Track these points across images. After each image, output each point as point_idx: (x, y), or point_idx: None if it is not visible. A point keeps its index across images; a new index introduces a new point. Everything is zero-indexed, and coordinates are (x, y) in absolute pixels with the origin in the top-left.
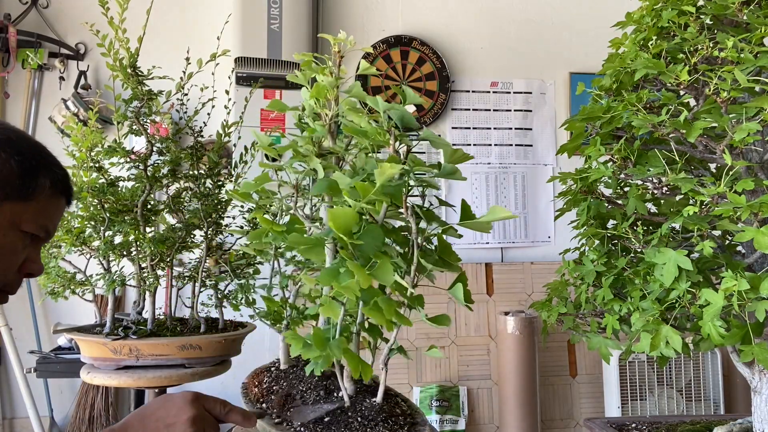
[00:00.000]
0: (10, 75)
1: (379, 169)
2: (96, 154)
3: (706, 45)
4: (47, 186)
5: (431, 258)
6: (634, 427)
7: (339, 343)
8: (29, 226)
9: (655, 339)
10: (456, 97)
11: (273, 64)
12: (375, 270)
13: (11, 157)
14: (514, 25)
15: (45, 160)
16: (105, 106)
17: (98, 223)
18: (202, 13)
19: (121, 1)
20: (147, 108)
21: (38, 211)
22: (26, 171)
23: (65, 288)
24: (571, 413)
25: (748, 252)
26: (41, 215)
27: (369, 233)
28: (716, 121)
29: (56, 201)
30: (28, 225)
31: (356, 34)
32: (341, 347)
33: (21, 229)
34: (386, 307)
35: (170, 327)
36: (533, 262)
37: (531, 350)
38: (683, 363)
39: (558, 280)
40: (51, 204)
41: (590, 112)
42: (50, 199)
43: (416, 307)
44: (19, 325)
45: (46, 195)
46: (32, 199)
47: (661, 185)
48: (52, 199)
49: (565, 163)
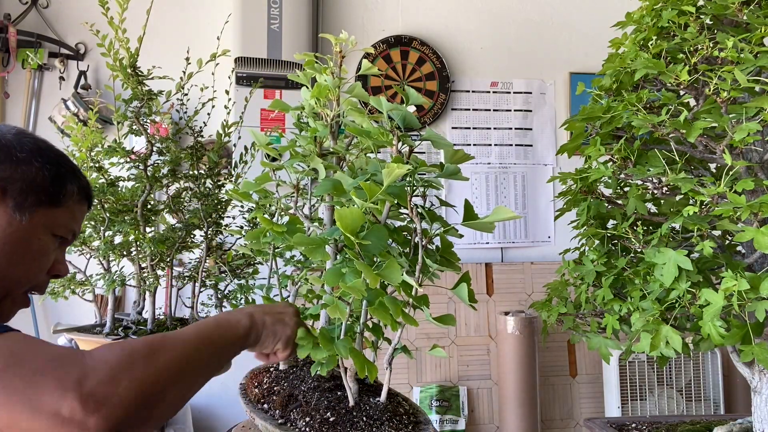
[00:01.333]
0: (10, 75)
1: (386, 170)
2: (96, 154)
3: (706, 45)
4: (75, 192)
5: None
6: (634, 427)
7: (345, 343)
8: (60, 230)
9: (655, 339)
10: (456, 97)
11: (273, 64)
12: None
13: (43, 166)
14: (514, 25)
15: (71, 168)
16: (105, 106)
17: (98, 223)
18: (202, 13)
19: (121, 1)
20: (147, 108)
21: (68, 216)
22: (57, 179)
23: (65, 288)
24: (571, 413)
25: (748, 252)
26: (70, 219)
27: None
28: (716, 121)
29: (81, 206)
30: (59, 229)
31: (356, 34)
32: (348, 347)
33: (53, 233)
34: (392, 307)
35: (170, 327)
36: (533, 262)
37: (531, 350)
38: (683, 363)
39: (558, 280)
40: (78, 209)
41: (590, 112)
42: (77, 205)
43: (421, 306)
44: (19, 325)
45: (74, 201)
46: (62, 204)
47: (661, 185)
48: (79, 204)
49: (565, 163)
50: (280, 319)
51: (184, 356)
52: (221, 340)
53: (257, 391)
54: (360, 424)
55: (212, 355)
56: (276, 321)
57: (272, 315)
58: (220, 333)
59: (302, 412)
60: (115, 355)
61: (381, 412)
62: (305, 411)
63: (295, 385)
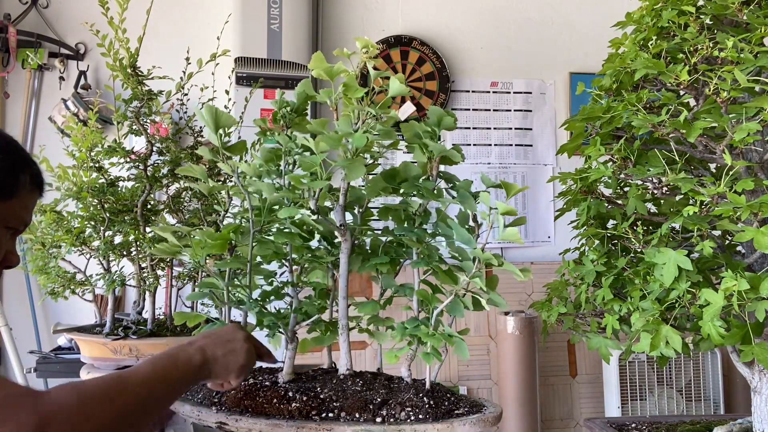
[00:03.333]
0: (10, 75)
1: None
2: (96, 154)
3: (706, 45)
4: (27, 182)
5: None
6: (634, 427)
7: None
8: (13, 222)
9: (655, 339)
10: (456, 97)
11: (273, 64)
12: None
13: None
14: (514, 25)
15: (22, 157)
16: (105, 106)
17: (98, 223)
18: (202, 13)
19: (121, 1)
20: (147, 108)
21: (20, 207)
22: (10, 171)
23: (65, 288)
24: (571, 413)
25: (748, 252)
26: (23, 210)
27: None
28: (716, 121)
29: (33, 195)
30: (12, 221)
31: (356, 34)
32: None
33: (6, 226)
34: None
35: (170, 327)
36: (533, 262)
37: (531, 350)
38: (683, 363)
39: (558, 280)
40: (29, 198)
41: (590, 112)
42: (29, 194)
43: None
44: (19, 325)
45: (26, 191)
46: (15, 196)
47: (661, 185)
48: (30, 193)
49: (565, 163)
50: (232, 350)
51: (141, 398)
52: (175, 377)
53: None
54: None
55: (166, 393)
56: (227, 352)
57: (223, 346)
58: (173, 371)
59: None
60: (73, 401)
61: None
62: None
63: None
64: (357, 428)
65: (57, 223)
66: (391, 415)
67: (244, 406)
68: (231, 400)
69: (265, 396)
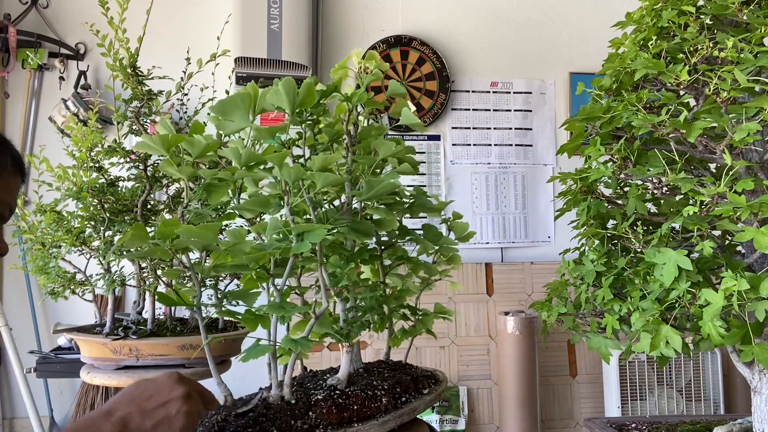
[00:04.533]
0: (10, 75)
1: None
2: (96, 154)
3: (706, 45)
4: (9, 163)
5: None
6: (634, 427)
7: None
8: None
9: (655, 339)
10: (456, 97)
11: (273, 64)
12: None
13: None
14: (514, 25)
15: (1, 139)
16: (105, 106)
17: (98, 223)
18: (202, 13)
19: (121, 1)
20: (147, 108)
21: (3, 189)
22: None
23: (65, 288)
24: (571, 413)
25: (748, 252)
26: (6, 192)
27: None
28: (716, 121)
29: (15, 178)
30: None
31: (356, 34)
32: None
33: None
34: None
35: (170, 327)
36: (533, 262)
37: (531, 350)
38: (683, 363)
39: (558, 280)
40: (12, 181)
41: (590, 112)
42: (12, 177)
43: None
44: (19, 325)
45: (8, 173)
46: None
47: (661, 185)
48: (13, 176)
49: (565, 163)
50: (165, 417)
51: None
52: None
53: None
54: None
55: None
56: (159, 422)
57: (152, 414)
58: None
59: None
60: None
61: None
62: None
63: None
64: (421, 402)
65: (57, 223)
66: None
67: (343, 418)
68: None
69: (356, 403)
